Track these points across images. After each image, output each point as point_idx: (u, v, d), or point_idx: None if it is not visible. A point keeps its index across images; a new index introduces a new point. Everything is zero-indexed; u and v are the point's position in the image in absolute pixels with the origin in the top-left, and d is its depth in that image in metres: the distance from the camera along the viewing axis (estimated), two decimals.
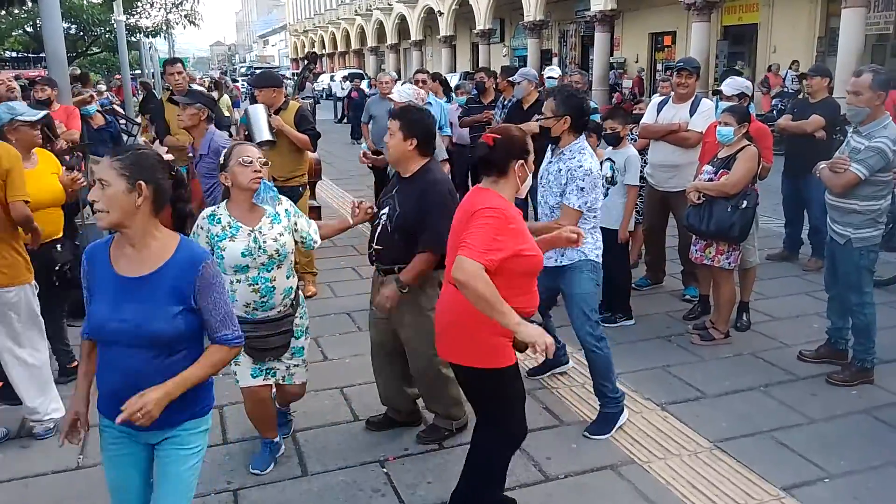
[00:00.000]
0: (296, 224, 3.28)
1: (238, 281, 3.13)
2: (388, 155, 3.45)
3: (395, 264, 3.41)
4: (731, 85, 5.78)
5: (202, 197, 4.77)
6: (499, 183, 2.78)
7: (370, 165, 7.45)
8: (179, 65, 6.36)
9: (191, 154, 5.14)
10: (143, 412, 2.06)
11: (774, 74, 17.49)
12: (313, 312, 5.56)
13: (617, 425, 3.78)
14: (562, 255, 3.78)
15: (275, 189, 3.26)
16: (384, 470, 3.46)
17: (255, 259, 3.12)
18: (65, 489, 3.38)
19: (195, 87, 6.98)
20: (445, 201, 3.29)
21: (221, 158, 3.19)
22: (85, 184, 6.67)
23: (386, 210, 3.42)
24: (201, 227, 3.16)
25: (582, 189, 3.66)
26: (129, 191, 2.11)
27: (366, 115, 7.80)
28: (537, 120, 3.95)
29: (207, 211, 3.22)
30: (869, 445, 3.64)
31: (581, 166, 3.67)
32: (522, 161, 2.78)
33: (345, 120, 14.08)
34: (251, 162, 3.11)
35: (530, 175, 2.83)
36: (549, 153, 3.97)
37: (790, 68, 17.27)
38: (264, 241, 3.14)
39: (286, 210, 3.28)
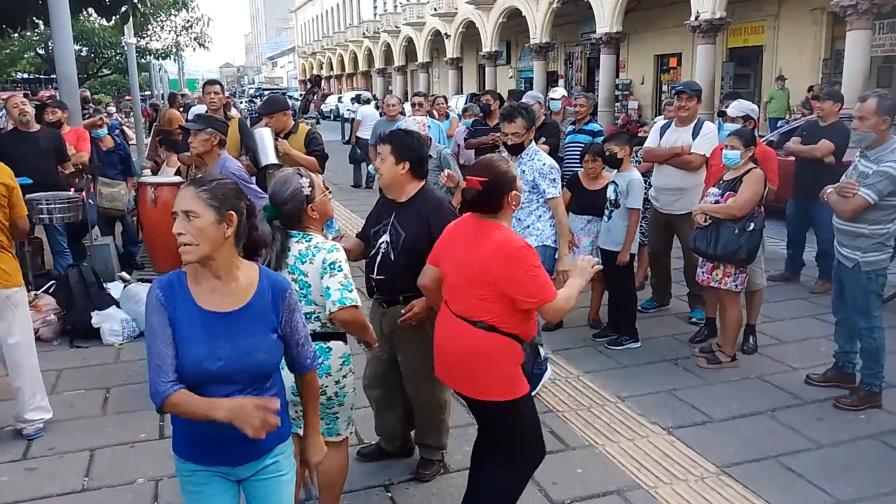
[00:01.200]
0: None
1: None
2: (379, 180, 3.37)
3: (400, 293, 3.32)
4: (736, 107, 5.81)
5: None
6: (498, 215, 2.79)
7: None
8: (218, 86, 6.42)
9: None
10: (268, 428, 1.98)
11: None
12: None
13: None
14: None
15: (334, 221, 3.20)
16: (389, 494, 3.45)
17: None
18: None
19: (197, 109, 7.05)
20: (449, 219, 3.27)
21: (307, 189, 2.78)
22: (93, 204, 6.77)
23: (385, 238, 3.29)
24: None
25: (554, 180, 4.36)
26: (219, 221, 2.04)
27: (373, 137, 7.88)
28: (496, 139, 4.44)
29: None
30: (877, 471, 3.61)
31: (545, 163, 4.38)
32: (514, 191, 2.78)
33: (353, 141, 14.24)
34: (329, 188, 2.96)
35: (522, 195, 2.92)
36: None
37: (808, 93, 16.98)
38: None
39: None
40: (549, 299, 2.67)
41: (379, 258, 3.30)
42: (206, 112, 6.47)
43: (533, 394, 3.59)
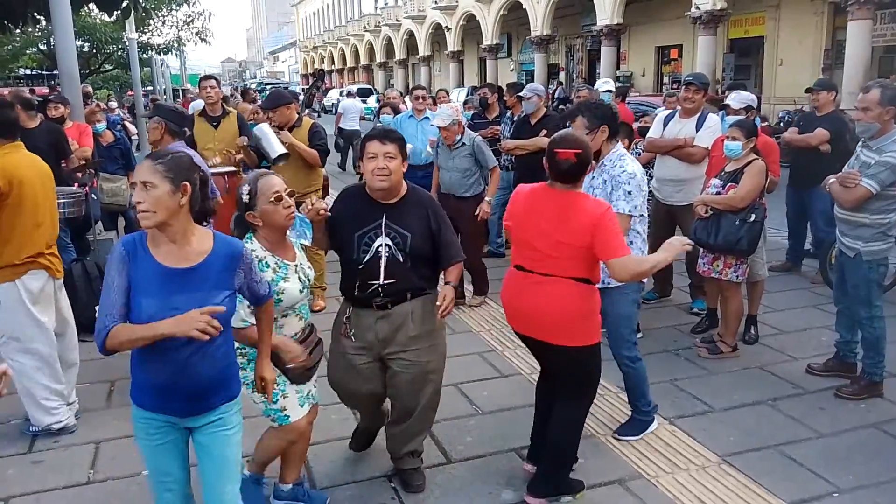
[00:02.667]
0: None
1: (285, 315, 2.98)
2: (386, 182, 3.10)
3: (407, 292, 3.20)
4: (737, 98, 5.80)
5: None
6: (577, 185, 3.11)
7: None
8: (213, 80, 6.44)
9: None
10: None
11: None
12: (321, 327, 5.58)
13: (646, 432, 3.91)
14: (609, 277, 3.65)
15: (305, 219, 3.13)
16: (392, 484, 3.47)
17: (306, 292, 3.04)
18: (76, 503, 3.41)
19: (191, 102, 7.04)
20: (444, 213, 3.33)
21: (245, 196, 2.87)
22: (95, 199, 6.78)
23: (385, 241, 3.12)
24: None
25: (629, 193, 3.63)
26: (174, 192, 2.24)
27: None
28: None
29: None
30: (878, 460, 3.62)
31: (624, 171, 3.64)
32: (592, 163, 3.20)
33: (335, 132, 14.37)
34: (281, 198, 2.86)
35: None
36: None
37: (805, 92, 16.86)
38: (305, 272, 3.03)
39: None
40: (622, 255, 2.98)
41: (383, 262, 3.12)
42: (204, 106, 6.47)
43: (637, 438, 3.91)
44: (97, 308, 2.28)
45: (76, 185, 6.18)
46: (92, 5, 9.91)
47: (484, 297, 6.21)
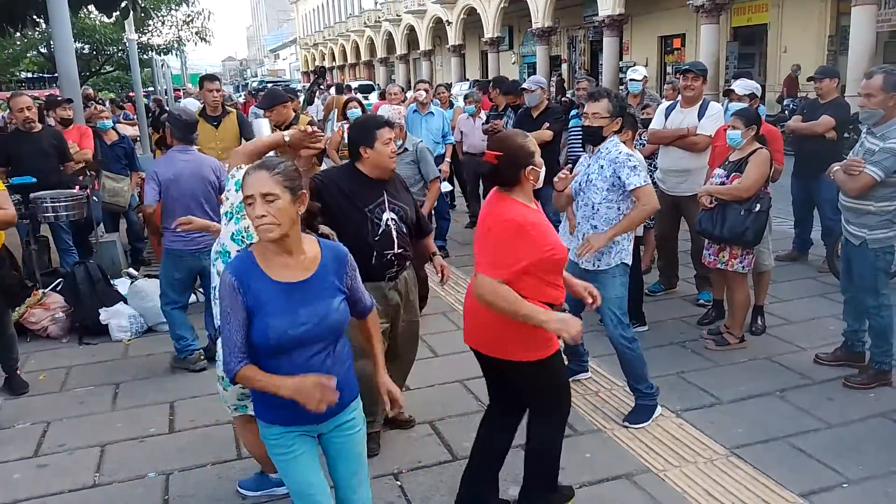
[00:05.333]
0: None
1: None
2: (390, 163, 3.51)
3: (408, 260, 3.62)
4: (742, 85, 5.76)
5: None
6: (514, 190, 2.85)
7: None
8: (217, 82, 6.39)
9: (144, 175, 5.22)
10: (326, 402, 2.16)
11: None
12: None
13: (653, 417, 3.91)
14: (598, 260, 3.89)
15: None
16: (398, 483, 3.46)
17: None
18: None
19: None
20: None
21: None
22: (97, 201, 6.78)
23: (391, 215, 3.48)
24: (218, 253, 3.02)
25: (634, 167, 3.77)
26: (294, 201, 2.22)
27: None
28: (581, 116, 4.07)
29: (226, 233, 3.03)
30: (887, 449, 3.59)
31: (621, 151, 3.83)
32: (531, 166, 2.82)
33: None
34: None
35: (543, 169, 2.89)
36: (584, 157, 4.12)
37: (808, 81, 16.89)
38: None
39: None
40: (487, 272, 2.70)
41: (395, 234, 3.48)
42: (204, 106, 6.45)
43: (645, 424, 3.90)
44: (101, 311, 2.27)
45: (77, 187, 6.17)
46: (91, 7, 9.91)
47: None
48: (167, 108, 12.07)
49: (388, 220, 3.46)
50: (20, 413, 4.32)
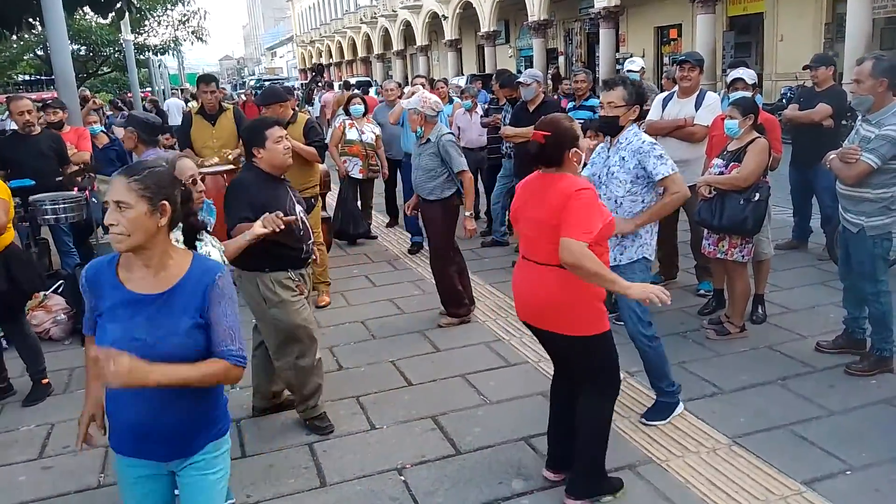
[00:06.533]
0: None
1: None
2: (285, 160, 3.64)
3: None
4: (749, 74, 5.74)
5: None
6: (562, 169, 3.00)
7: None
8: (213, 83, 6.39)
9: None
10: (115, 370, 1.87)
11: None
12: (327, 322, 5.61)
13: (673, 414, 3.87)
14: (621, 255, 3.85)
15: (212, 205, 3.32)
16: (402, 478, 3.47)
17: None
18: None
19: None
20: None
21: None
22: (96, 203, 6.78)
23: (300, 207, 3.71)
24: None
25: (660, 156, 3.73)
26: (152, 212, 2.03)
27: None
28: (599, 109, 3.96)
29: None
30: (890, 436, 3.60)
31: (644, 141, 3.77)
32: (575, 148, 2.98)
33: None
34: (196, 182, 3.02)
35: (584, 154, 3.05)
36: (600, 148, 4.04)
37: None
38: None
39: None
40: (576, 236, 2.80)
41: (308, 225, 3.77)
42: (201, 104, 6.44)
43: (665, 422, 3.86)
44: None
45: (76, 189, 6.18)
46: (86, 8, 9.89)
47: (459, 319, 5.47)
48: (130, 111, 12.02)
49: (299, 212, 3.65)
50: (25, 415, 4.33)
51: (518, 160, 6.76)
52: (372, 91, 23.85)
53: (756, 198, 4.59)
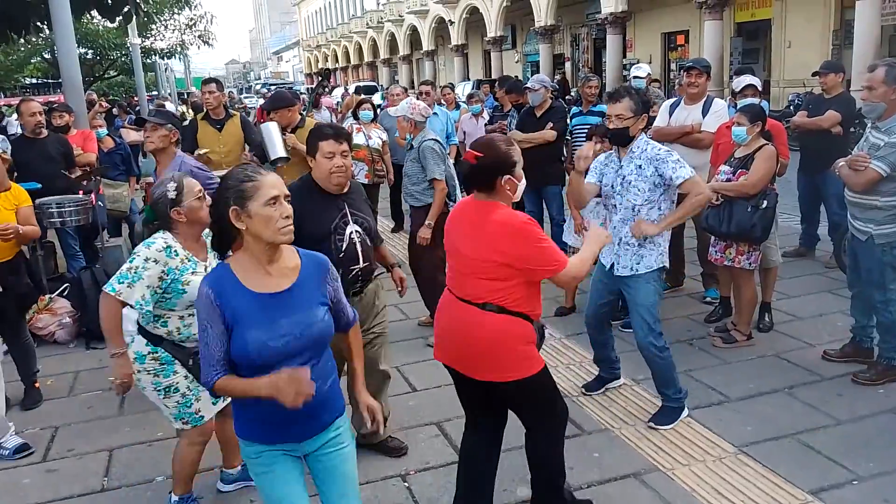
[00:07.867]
0: None
1: (191, 315, 2.97)
2: (345, 178, 3.33)
3: (373, 272, 3.53)
4: (742, 82, 5.74)
5: None
6: (491, 195, 2.78)
7: None
8: (214, 85, 6.40)
9: (151, 180, 4.96)
10: (308, 392, 2.05)
11: None
12: None
13: (679, 419, 3.86)
14: (637, 263, 3.80)
15: None
16: (406, 484, 3.46)
17: None
18: None
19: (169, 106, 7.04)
20: None
21: (172, 193, 2.91)
22: (102, 206, 6.79)
23: (355, 228, 3.35)
24: (156, 260, 2.87)
25: (678, 160, 3.70)
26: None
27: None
28: (604, 122, 3.95)
29: (161, 243, 2.92)
30: None
31: (660, 148, 3.75)
32: (509, 176, 2.74)
33: None
34: (204, 197, 2.98)
35: (522, 182, 2.81)
36: (607, 158, 3.94)
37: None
38: None
39: None
40: (563, 267, 2.72)
41: (359, 248, 3.37)
42: (207, 110, 6.45)
43: (670, 426, 3.85)
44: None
45: (82, 192, 6.19)
46: (94, 12, 9.93)
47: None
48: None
49: (351, 233, 3.33)
50: (29, 419, 4.33)
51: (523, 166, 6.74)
52: (377, 96, 23.91)
53: (764, 205, 4.57)
